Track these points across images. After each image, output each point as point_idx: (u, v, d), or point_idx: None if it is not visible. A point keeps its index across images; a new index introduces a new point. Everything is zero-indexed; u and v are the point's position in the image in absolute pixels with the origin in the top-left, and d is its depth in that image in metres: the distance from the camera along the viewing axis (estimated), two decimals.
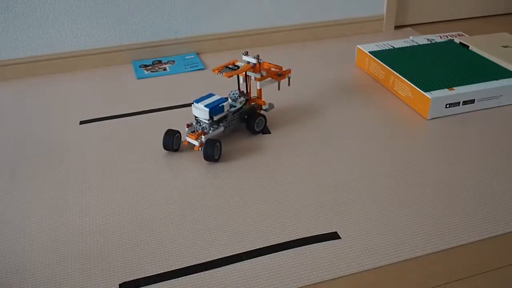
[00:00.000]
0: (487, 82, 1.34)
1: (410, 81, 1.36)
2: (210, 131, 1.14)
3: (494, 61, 1.47)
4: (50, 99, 1.50)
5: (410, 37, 1.71)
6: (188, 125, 1.14)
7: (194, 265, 0.85)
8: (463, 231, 0.90)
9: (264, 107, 1.26)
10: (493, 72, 1.40)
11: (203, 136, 1.12)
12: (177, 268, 0.85)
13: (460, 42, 1.63)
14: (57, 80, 1.63)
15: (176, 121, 1.33)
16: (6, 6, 1.56)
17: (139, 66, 1.70)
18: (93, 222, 0.96)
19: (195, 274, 0.83)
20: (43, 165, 1.16)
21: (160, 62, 1.74)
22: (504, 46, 1.57)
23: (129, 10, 1.68)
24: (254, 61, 1.19)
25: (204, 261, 0.86)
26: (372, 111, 1.35)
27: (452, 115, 1.31)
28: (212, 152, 1.10)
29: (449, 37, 1.75)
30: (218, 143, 1.11)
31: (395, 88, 1.43)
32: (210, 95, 1.16)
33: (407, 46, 1.62)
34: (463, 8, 2.11)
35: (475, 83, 1.33)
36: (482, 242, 0.88)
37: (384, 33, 1.97)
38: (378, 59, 1.52)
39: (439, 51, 1.57)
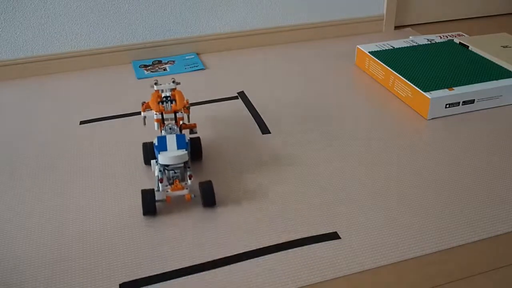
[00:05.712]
0: (487, 82, 1.34)
1: (410, 81, 1.36)
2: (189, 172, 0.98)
3: (494, 61, 1.47)
4: (50, 99, 1.50)
5: (410, 37, 1.71)
6: (161, 180, 0.95)
7: (194, 265, 0.85)
8: (463, 231, 0.90)
9: (195, 130, 1.10)
10: (493, 72, 1.40)
11: (190, 181, 0.96)
12: (177, 268, 0.85)
13: (460, 42, 1.63)
14: (57, 80, 1.63)
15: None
16: (6, 6, 1.56)
17: (139, 66, 1.70)
18: (93, 222, 0.96)
19: (195, 274, 0.83)
20: (43, 165, 1.16)
21: (160, 62, 1.74)
22: (503, 46, 1.57)
23: (129, 10, 1.68)
24: (173, 86, 1.07)
25: (204, 261, 0.86)
26: (372, 111, 1.35)
27: (452, 115, 1.31)
28: (213, 192, 0.97)
29: (449, 37, 1.75)
30: (210, 182, 0.97)
31: (395, 88, 1.43)
32: (162, 138, 0.97)
33: (407, 46, 1.62)
34: (463, 8, 2.11)
35: (475, 83, 1.33)
36: (482, 242, 0.88)
37: (384, 33, 1.97)
38: (378, 59, 1.52)
39: (439, 51, 1.57)
